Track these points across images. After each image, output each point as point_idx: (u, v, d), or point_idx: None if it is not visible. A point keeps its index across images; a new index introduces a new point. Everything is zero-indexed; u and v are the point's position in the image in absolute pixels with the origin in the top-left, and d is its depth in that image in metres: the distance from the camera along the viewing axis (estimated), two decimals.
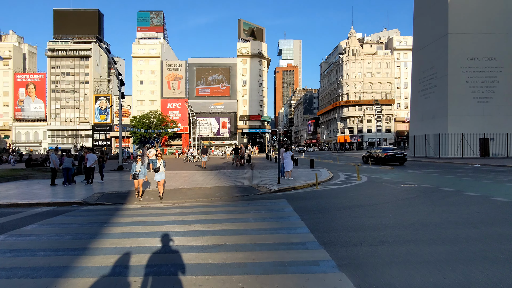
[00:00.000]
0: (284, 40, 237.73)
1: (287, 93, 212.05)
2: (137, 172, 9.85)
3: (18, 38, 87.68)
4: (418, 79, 33.03)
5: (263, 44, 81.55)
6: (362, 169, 14.20)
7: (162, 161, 10.12)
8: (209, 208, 8.43)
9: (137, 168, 9.87)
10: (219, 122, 76.22)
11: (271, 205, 8.58)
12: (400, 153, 22.42)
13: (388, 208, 7.72)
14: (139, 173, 9.88)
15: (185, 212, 7.91)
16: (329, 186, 12.11)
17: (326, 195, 9.94)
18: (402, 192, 10.06)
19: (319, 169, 18.54)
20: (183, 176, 16.43)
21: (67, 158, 13.24)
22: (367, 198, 9.23)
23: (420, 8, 33.10)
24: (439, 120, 29.06)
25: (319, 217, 6.89)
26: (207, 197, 10.20)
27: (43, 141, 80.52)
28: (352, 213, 7.24)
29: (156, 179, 9.96)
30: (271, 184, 12.62)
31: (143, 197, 10.20)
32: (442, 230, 5.57)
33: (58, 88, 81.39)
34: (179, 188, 12.04)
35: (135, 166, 9.90)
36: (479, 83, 28.01)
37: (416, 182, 12.15)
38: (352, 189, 10.96)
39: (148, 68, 78.07)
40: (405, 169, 18.34)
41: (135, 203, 9.45)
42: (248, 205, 8.65)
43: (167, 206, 8.96)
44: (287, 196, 10.06)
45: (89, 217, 7.90)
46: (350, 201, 8.71)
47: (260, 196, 10.34)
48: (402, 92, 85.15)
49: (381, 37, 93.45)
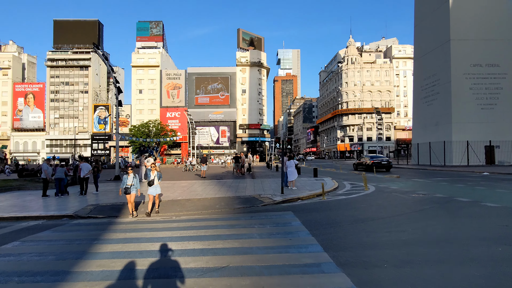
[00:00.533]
0: (283, 49, 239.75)
1: (286, 102, 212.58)
2: (129, 185, 8.69)
3: (18, 48, 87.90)
4: (420, 86, 32.71)
5: (262, 53, 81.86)
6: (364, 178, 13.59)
7: (156, 173, 9.06)
8: (209, 222, 7.78)
9: (129, 181, 8.73)
10: (219, 131, 75.80)
11: (277, 218, 7.95)
12: (386, 160, 24.83)
13: (404, 221, 7.09)
14: (131, 186, 8.70)
15: (183, 226, 7.27)
16: (336, 196, 11.48)
17: (335, 207, 9.30)
18: (415, 203, 9.43)
19: (323, 178, 17.90)
20: (182, 186, 15.78)
21: (60, 168, 12.61)
22: (379, 209, 8.60)
23: (420, 15, 33.05)
24: (443, 127, 28.58)
25: (331, 232, 6.26)
26: (207, 209, 9.56)
27: (42, 151, 79.78)
28: (366, 227, 6.61)
29: (150, 193, 8.94)
30: (274, 194, 11.98)
31: (137, 212, 9.28)
32: (472, 248, 4.94)
33: (57, 98, 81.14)
34: (177, 199, 11.39)
35: (126, 178, 8.78)
36: (483, 89, 27.66)
37: (427, 192, 11.53)
38: (361, 200, 10.33)
39: (147, 77, 78.06)
40: (412, 178, 17.73)
41: (130, 217, 8.79)
42: (251, 218, 8.01)
43: (164, 220, 8.31)
44: (293, 207, 9.42)
45: (78, 232, 7.25)
46: (361, 213, 8.08)
47: (264, 207, 9.70)
48: (402, 100, 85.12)
49: (379, 46, 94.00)
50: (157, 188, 9.03)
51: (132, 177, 8.79)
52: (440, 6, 29.48)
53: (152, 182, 8.96)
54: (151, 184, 8.95)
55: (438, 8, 29.72)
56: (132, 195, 8.79)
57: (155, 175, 9.00)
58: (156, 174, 9.04)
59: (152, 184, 8.95)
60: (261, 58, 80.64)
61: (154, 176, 8.98)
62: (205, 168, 21.57)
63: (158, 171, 9.31)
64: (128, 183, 8.73)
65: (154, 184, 8.95)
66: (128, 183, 8.73)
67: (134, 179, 8.78)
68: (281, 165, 13.02)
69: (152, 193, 8.97)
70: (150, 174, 9.10)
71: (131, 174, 8.85)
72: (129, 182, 8.74)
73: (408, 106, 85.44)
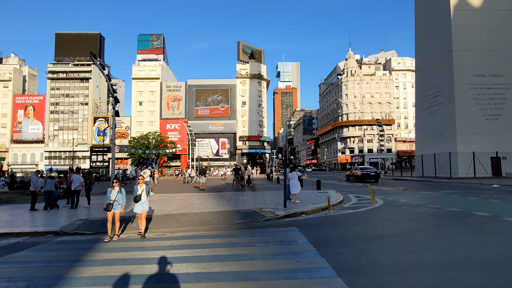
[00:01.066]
0: (283, 62, 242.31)
1: (286, 114, 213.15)
2: (112, 201, 7.36)
3: (20, 61, 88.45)
4: (423, 97, 32.34)
5: (262, 66, 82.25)
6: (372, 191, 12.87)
7: (144, 187, 7.80)
8: (206, 239, 7.05)
9: (112, 195, 7.42)
10: (219, 143, 75.23)
11: (280, 235, 7.22)
12: (374, 171, 26.35)
13: (423, 238, 6.37)
14: (113, 202, 7.38)
15: (177, 245, 6.54)
16: (342, 210, 10.74)
17: (343, 222, 8.57)
18: (430, 217, 8.71)
19: (326, 191, 17.16)
20: (179, 199, 15.03)
21: (50, 180, 11.92)
22: (392, 225, 7.87)
23: (421, 26, 33.03)
24: (447, 138, 28.01)
25: (342, 252, 5.54)
26: (204, 225, 8.82)
27: (40, 163, 79.01)
28: (382, 245, 5.89)
29: (136, 211, 7.67)
30: (276, 208, 11.25)
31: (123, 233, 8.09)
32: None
33: (57, 110, 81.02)
34: (172, 214, 10.65)
35: (109, 193, 7.45)
36: (487, 100, 27.24)
37: (439, 205, 10.81)
38: (371, 214, 9.59)
39: (147, 89, 78.15)
40: (420, 190, 16.98)
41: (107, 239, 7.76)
42: (252, 235, 7.29)
43: (157, 237, 7.58)
44: (297, 223, 8.69)
45: (60, 251, 6.51)
46: (373, 230, 7.36)
47: (266, 223, 8.97)
48: (402, 112, 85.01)
49: (378, 58, 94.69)
50: (144, 204, 7.69)
51: (117, 191, 7.51)
52: (441, 17, 29.45)
53: (138, 197, 7.62)
54: (137, 200, 7.62)
55: (439, 19, 29.69)
56: (116, 213, 7.44)
57: (142, 190, 7.72)
58: (144, 188, 7.75)
59: (139, 200, 7.63)
60: (261, 70, 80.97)
61: (141, 190, 7.70)
62: (204, 180, 20.83)
63: (146, 184, 8.05)
64: (111, 198, 7.40)
65: (142, 200, 7.66)
66: (111, 198, 7.40)
67: (119, 194, 7.49)
68: (283, 177, 12.34)
69: (138, 211, 7.67)
70: (137, 188, 7.73)
71: (116, 188, 7.58)
72: (112, 197, 7.42)
73: (408, 118, 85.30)
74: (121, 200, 7.52)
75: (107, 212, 7.40)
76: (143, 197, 7.67)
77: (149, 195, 7.93)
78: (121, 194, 7.55)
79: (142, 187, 7.75)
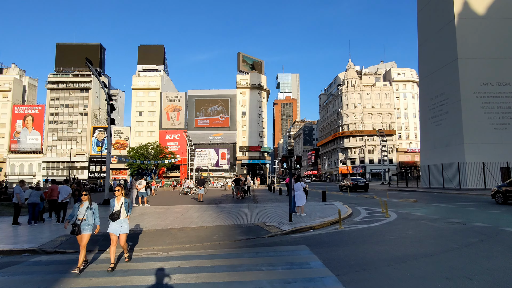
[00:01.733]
0: (282, 74, 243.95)
1: (286, 125, 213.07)
2: (79, 220, 5.57)
3: (20, 71, 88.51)
4: (427, 106, 31.65)
5: (262, 76, 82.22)
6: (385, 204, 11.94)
7: (124, 200, 5.93)
8: (203, 260, 6.08)
9: (80, 213, 5.64)
10: (218, 153, 74.33)
11: (289, 255, 6.26)
12: (362, 181, 28.97)
13: (457, 260, 5.42)
14: (82, 222, 5.56)
15: (169, 268, 5.58)
16: (354, 225, 9.77)
17: (358, 239, 7.61)
18: (456, 234, 7.75)
19: (333, 202, 16.19)
20: (175, 211, 14.04)
21: (35, 191, 10.99)
22: (416, 243, 6.92)
23: (424, 34, 32.65)
24: (454, 148, 27.14)
25: (367, 278, 4.60)
26: (202, 241, 7.86)
27: (38, 173, 77.90)
28: (413, 270, 4.94)
29: (111, 232, 5.73)
30: (281, 222, 10.28)
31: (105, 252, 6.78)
32: None
33: (56, 120, 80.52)
34: (167, 229, 9.67)
35: (76, 209, 5.69)
36: (495, 108, 26.52)
37: (460, 219, 9.85)
38: (387, 230, 8.63)
39: (147, 99, 77.84)
40: (432, 203, 16.00)
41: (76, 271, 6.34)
42: (257, 255, 6.33)
43: (147, 257, 6.61)
44: (306, 239, 7.73)
45: (31, 276, 5.54)
46: (396, 249, 6.40)
47: (271, 239, 8.01)
48: (403, 122, 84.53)
49: (378, 69, 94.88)
50: (123, 224, 5.83)
51: (87, 207, 5.69)
52: (444, 26, 29.07)
53: (116, 215, 5.75)
54: (114, 218, 5.74)
55: (443, 27, 29.30)
56: (85, 236, 5.62)
57: (121, 205, 5.85)
58: (123, 203, 5.89)
59: (117, 218, 5.75)
60: (261, 80, 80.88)
61: (119, 205, 5.84)
62: (203, 192, 19.85)
63: (126, 197, 6.16)
64: (78, 216, 5.59)
65: (120, 218, 5.79)
66: (78, 216, 5.59)
67: (89, 211, 5.69)
68: (288, 188, 11.42)
69: (115, 232, 5.75)
70: (114, 202, 5.87)
71: (85, 203, 5.74)
72: (80, 215, 5.61)
73: (409, 129, 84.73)
74: (91, 218, 5.71)
75: (76, 236, 5.66)
76: (122, 214, 5.82)
77: (130, 211, 6.14)
78: (91, 211, 5.75)
79: (120, 200, 5.91)
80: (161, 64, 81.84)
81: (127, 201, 6.08)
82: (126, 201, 6.05)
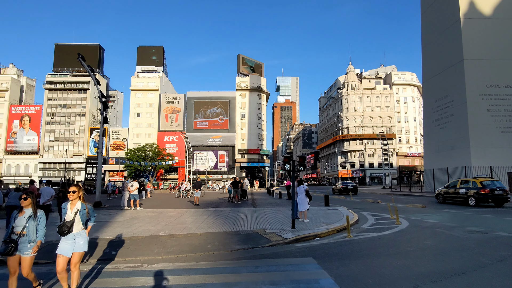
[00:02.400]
0: (282, 77, 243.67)
1: (285, 128, 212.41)
2: (16, 235, 4.03)
3: (18, 71, 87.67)
4: (431, 109, 30.88)
5: (262, 78, 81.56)
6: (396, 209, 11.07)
7: (80, 206, 4.28)
8: (194, 276, 5.19)
9: (18, 225, 4.07)
10: (217, 156, 73.43)
11: (294, 270, 5.38)
12: (352, 185, 31.66)
13: (498, 280, 4.55)
14: (19, 238, 4.02)
15: (152, 286, 4.69)
16: (363, 233, 8.88)
17: (372, 251, 6.73)
18: (481, 245, 6.87)
19: (336, 207, 15.31)
20: (169, 216, 13.11)
21: (14, 193, 10.08)
22: (439, 256, 6.02)
23: (428, 35, 31.95)
24: (460, 152, 26.33)
25: None
26: (195, 251, 6.96)
27: (34, 174, 76.81)
28: None
29: (60, 253, 4.08)
30: (283, 229, 9.40)
31: None
32: None
33: (54, 120, 79.60)
34: (157, 235, 8.77)
35: (14, 220, 4.12)
36: (501, 111, 25.76)
37: (478, 228, 8.98)
38: (402, 240, 7.74)
39: (146, 101, 77.04)
40: (442, 208, 15.11)
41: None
42: (256, 270, 5.44)
43: (129, 270, 5.70)
44: (312, 250, 6.84)
45: None
46: (418, 264, 5.52)
47: (272, 249, 7.12)
48: (403, 126, 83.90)
49: (378, 72, 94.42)
50: (77, 239, 4.18)
51: (28, 216, 4.10)
52: (449, 26, 28.38)
53: (68, 226, 4.09)
54: (64, 231, 4.07)
55: (448, 28, 28.61)
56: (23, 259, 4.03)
57: (75, 212, 4.18)
58: (78, 210, 4.22)
59: (67, 232, 4.09)
60: (261, 83, 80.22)
61: (73, 213, 4.18)
62: (199, 194, 18.93)
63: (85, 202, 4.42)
64: (16, 229, 4.04)
65: (73, 230, 4.14)
66: (16, 229, 4.04)
67: (32, 221, 4.08)
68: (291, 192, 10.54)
69: (65, 253, 4.08)
70: (67, 208, 4.24)
71: (26, 210, 4.16)
72: (18, 227, 4.04)
73: (409, 132, 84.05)
74: (33, 232, 4.06)
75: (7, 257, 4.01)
76: (75, 225, 4.14)
77: (91, 221, 4.47)
78: (36, 222, 4.11)
79: (75, 206, 4.23)
80: (160, 66, 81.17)
81: (86, 207, 4.34)
82: (84, 207, 4.29)
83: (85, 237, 4.31)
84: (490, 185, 15.43)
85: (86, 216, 4.34)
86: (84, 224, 4.33)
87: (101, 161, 17.35)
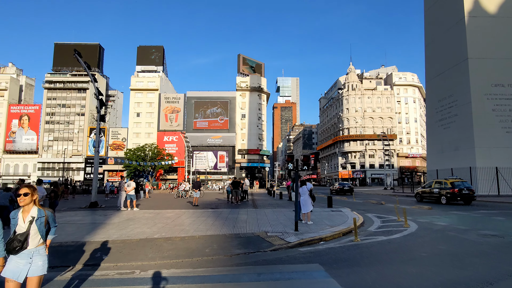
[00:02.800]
0: (282, 77, 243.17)
1: (285, 129, 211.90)
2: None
3: (17, 70, 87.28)
4: (435, 108, 30.40)
5: (262, 79, 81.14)
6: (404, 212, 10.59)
7: (37, 213, 3.21)
8: (190, 285, 4.70)
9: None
10: (217, 156, 72.96)
11: (300, 278, 4.89)
12: (348, 186, 32.57)
13: None
14: None
15: None
16: (371, 236, 8.40)
17: (383, 256, 6.24)
18: (500, 251, 6.39)
19: (340, 209, 14.83)
20: (166, 217, 12.62)
21: (3, 193, 9.61)
22: (457, 263, 5.54)
23: (432, 34, 31.49)
24: (464, 152, 25.85)
25: None
26: (192, 256, 6.47)
27: (33, 174, 76.36)
28: None
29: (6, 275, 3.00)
30: (285, 232, 8.91)
31: None
32: None
33: (53, 120, 79.21)
34: (152, 238, 8.28)
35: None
36: (507, 111, 25.28)
37: (492, 231, 8.50)
38: (414, 244, 7.25)
39: (146, 100, 76.61)
40: (449, 210, 14.62)
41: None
42: (259, 278, 4.95)
43: (119, 278, 5.21)
44: (318, 256, 6.35)
45: None
46: (436, 272, 5.03)
47: (274, 254, 6.63)
48: (404, 127, 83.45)
49: (379, 73, 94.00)
50: (34, 259, 3.14)
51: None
52: (453, 25, 27.92)
53: (20, 241, 3.06)
54: (16, 248, 3.05)
55: (452, 27, 28.16)
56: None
57: (29, 221, 3.15)
58: (34, 218, 3.18)
59: (21, 248, 3.07)
60: (261, 83, 79.78)
61: (27, 223, 3.13)
62: (198, 195, 18.44)
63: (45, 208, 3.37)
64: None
65: (27, 247, 3.11)
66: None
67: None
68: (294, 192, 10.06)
69: (16, 277, 3.00)
70: (18, 217, 3.15)
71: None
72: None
73: (410, 133, 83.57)
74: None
75: None
76: (31, 239, 3.14)
77: (51, 233, 3.37)
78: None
79: (29, 213, 3.20)
80: (160, 65, 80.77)
81: (45, 214, 3.28)
82: (41, 213, 3.24)
83: (44, 256, 3.21)
84: (460, 186, 17.22)
85: (45, 227, 3.23)
86: (44, 237, 3.24)
87: (97, 159, 16.88)
